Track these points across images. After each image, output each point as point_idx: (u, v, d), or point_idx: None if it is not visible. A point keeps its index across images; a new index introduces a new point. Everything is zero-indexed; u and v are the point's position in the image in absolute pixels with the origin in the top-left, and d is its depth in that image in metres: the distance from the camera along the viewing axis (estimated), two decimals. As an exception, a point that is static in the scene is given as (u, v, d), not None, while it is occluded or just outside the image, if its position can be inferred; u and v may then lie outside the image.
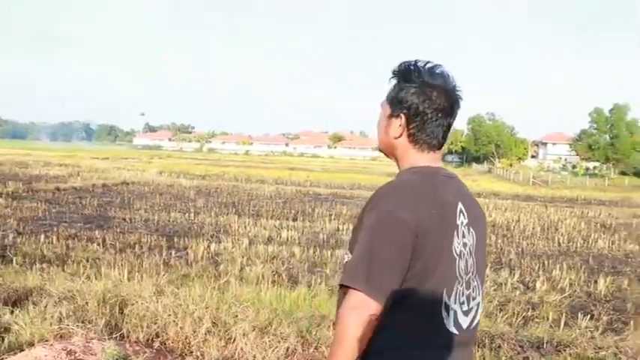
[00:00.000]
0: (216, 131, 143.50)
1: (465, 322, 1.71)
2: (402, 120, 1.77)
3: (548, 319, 6.37)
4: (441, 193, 1.72)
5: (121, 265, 7.27)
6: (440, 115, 1.76)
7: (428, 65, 1.78)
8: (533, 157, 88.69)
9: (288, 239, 11.09)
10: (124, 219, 12.75)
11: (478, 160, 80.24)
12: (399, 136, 1.79)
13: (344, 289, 1.63)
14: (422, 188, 1.70)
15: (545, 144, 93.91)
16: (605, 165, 63.19)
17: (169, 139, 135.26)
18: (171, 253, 9.02)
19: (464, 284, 1.72)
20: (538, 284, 8.24)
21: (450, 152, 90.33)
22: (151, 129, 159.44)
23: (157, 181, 24.41)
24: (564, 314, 6.57)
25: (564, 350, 5.10)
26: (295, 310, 5.20)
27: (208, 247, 9.61)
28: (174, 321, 4.60)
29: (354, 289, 1.57)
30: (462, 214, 1.74)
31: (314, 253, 9.73)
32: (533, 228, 14.93)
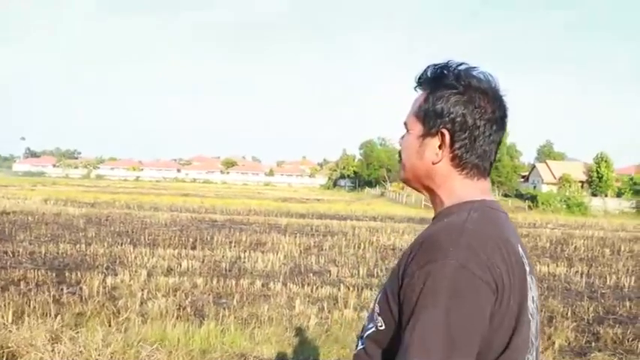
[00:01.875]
0: (104, 157, 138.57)
1: None
2: (443, 138, 1.34)
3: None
4: (508, 236, 1.30)
5: (5, 305, 6.53)
6: (493, 127, 1.35)
7: (466, 66, 1.37)
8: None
9: (189, 269, 10.55)
10: (6, 252, 11.67)
11: (370, 184, 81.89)
12: (439, 161, 1.36)
13: None
14: (489, 232, 1.27)
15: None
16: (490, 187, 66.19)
17: (54, 165, 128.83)
18: (62, 289, 8.27)
19: (534, 352, 1.34)
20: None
21: (343, 177, 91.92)
22: (32, 154, 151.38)
23: (41, 209, 22.86)
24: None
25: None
26: (208, 348, 4.79)
27: (104, 280, 8.91)
28: (75, 372, 4.08)
29: None
30: (525, 261, 1.32)
31: (217, 283, 9.29)
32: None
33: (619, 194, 58.38)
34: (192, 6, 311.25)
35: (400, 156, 1.46)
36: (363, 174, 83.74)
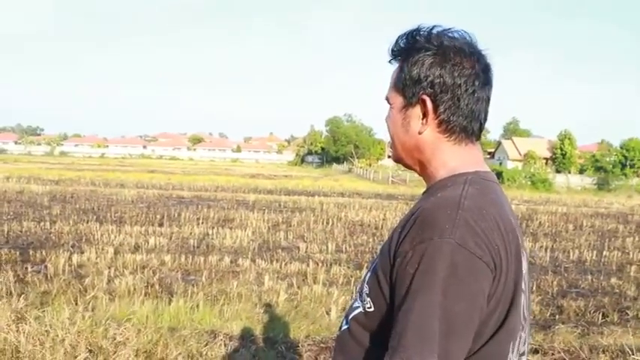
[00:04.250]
0: (68, 133, 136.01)
1: None
2: (425, 105, 1.26)
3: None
4: (504, 211, 1.23)
5: (-32, 284, 6.40)
6: (476, 83, 1.25)
7: (438, 28, 1.28)
8: (389, 157, 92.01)
9: (156, 246, 10.46)
10: (-33, 231, 11.46)
11: (338, 160, 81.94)
12: (425, 130, 1.27)
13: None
14: (487, 208, 1.18)
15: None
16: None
17: (15, 142, 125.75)
18: (27, 268, 8.12)
19: (526, 328, 1.30)
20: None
21: (311, 153, 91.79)
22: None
23: (3, 187, 22.38)
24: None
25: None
26: (178, 326, 4.76)
27: (69, 258, 8.77)
28: (41, 353, 3.99)
29: None
30: (518, 235, 1.26)
31: (186, 260, 9.23)
32: (400, 226, 15.25)
33: (581, 171, 59.60)
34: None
35: (391, 137, 1.37)
36: (331, 150, 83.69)
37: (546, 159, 63.52)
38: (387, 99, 1.35)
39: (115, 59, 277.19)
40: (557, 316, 7.15)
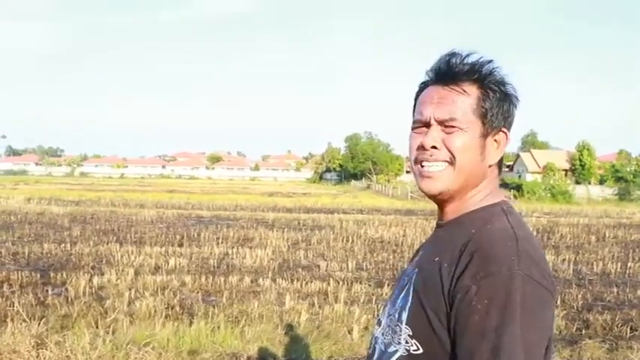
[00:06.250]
0: (88, 154, 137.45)
1: None
2: (502, 139, 1.32)
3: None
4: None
5: (-11, 308, 6.41)
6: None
7: (492, 62, 1.32)
8: (408, 172, 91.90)
9: (176, 267, 10.45)
10: (-11, 254, 11.53)
11: (356, 177, 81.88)
12: (495, 162, 1.33)
13: None
14: (532, 235, 1.24)
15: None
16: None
17: (36, 164, 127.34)
18: (47, 291, 8.14)
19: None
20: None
21: (329, 170, 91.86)
22: (14, 152, 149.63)
23: (24, 209, 22.60)
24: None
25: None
26: (199, 348, 4.72)
27: (90, 280, 8.78)
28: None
29: None
30: None
31: (206, 280, 9.20)
32: (419, 241, 15.14)
33: (601, 181, 59.01)
34: (170, 4, 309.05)
35: (458, 162, 1.29)
36: (349, 167, 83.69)
37: (565, 170, 62.97)
38: (454, 120, 1.28)
39: (134, 80, 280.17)
40: (583, 331, 7.00)
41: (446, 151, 1.27)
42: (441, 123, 1.28)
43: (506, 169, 70.71)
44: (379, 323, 1.35)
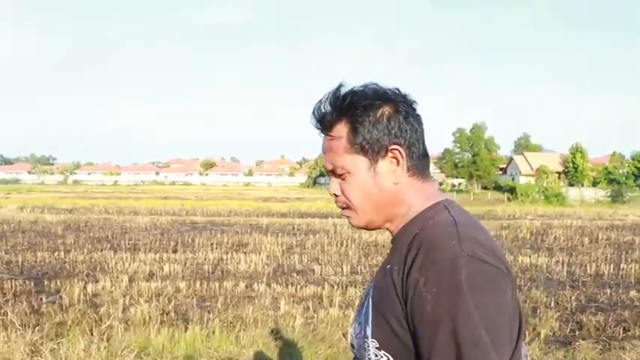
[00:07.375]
0: (80, 162, 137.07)
1: None
2: (396, 155, 1.27)
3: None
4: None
5: (-17, 317, 6.40)
6: (411, 119, 1.29)
7: (359, 86, 1.30)
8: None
9: (171, 273, 10.45)
10: (-17, 262, 11.50)
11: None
12: (399, 180, 1.28)
13: None
14: (476, 221, 1.24)
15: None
16: (469, 181, 66.94)
17: (29, 172, 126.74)
18: (41, 299, 8.13)
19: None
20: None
21: (322, 174, 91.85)
22: (6, 161, 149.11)
23: (17, 217, 22.53)
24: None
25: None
26: (194, 354, 4.73)
27: (84, 288, 8.77)
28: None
29: None
30: None
31: (201, 286, 9.21)
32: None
33: (594, 184, 59.31)
34: (163, 12, 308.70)
35: (357, 203, 1.30)
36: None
37: (559, 173, 63.25)
38: (335, 169, 1.31)
39: (125, 87, 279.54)
40: (577, 332, 7.04)
41: (343, 198, 1.32)
42: (332, 173, 1.33)
43: (500, 172, 71.01)
44: (352, 347, 1.35)
